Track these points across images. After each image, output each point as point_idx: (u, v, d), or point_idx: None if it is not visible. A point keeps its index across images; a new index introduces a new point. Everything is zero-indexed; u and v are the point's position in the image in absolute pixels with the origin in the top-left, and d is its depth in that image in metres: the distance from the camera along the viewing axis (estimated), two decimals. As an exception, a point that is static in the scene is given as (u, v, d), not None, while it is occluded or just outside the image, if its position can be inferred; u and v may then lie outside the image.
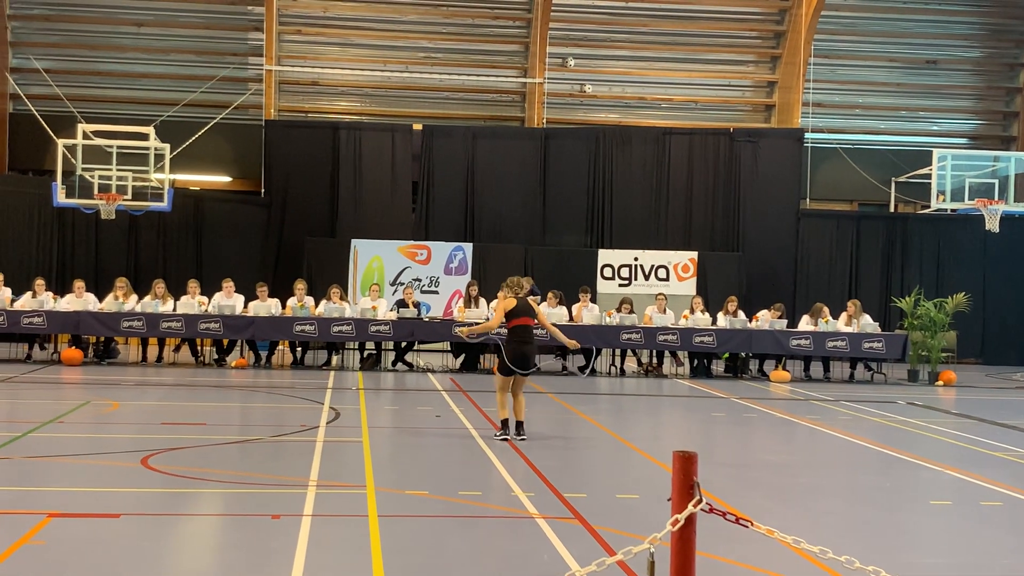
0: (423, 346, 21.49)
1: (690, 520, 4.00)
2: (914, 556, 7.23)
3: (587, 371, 20.15)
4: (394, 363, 20.16)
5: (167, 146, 20.96)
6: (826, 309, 20.73)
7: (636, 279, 25.06)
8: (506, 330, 12.11)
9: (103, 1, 25.66)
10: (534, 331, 12.08)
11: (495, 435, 11.76)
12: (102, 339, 19.65)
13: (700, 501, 3.98)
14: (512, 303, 11.98)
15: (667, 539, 4.12)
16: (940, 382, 20.51)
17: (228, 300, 19.64)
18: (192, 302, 19.44)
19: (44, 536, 6.85)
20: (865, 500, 9.15)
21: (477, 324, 19.01)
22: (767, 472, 10.50)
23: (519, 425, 11.71)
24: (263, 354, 20.01)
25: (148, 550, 6.67)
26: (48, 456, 9.78)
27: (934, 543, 7.73)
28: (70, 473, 9.24)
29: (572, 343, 13.28)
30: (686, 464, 4.02)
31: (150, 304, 19.28)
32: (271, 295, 20.16)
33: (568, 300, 20.77)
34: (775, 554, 6.89)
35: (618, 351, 20.76)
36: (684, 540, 4.02)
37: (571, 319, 20.23)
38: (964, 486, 9.84)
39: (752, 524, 4.27)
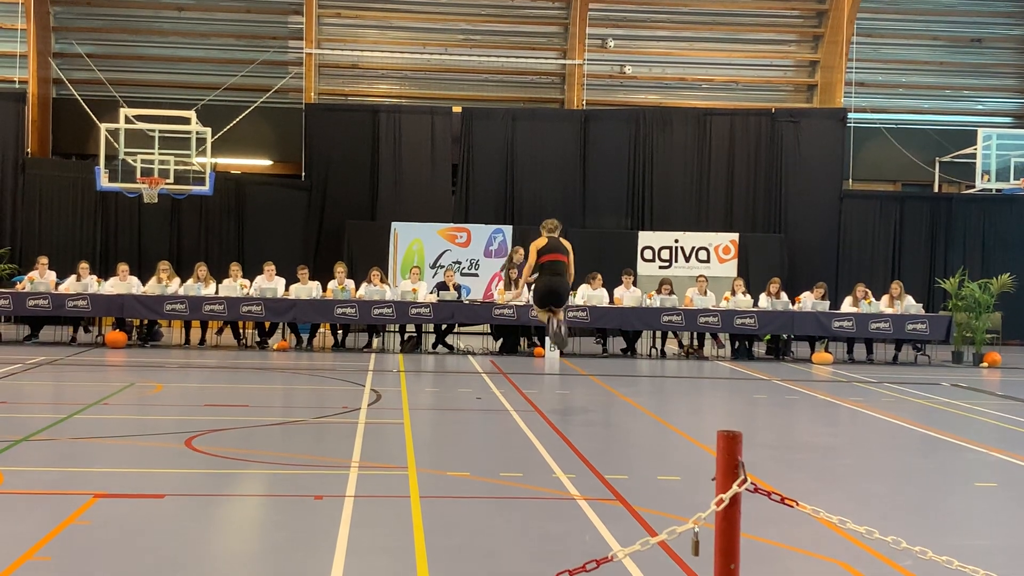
0: (463, 328, 21.53)
1: (735, 500, 3.96)
2: (961, 538, 7.16)
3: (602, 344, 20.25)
4: (434, 345, 20.18)
5: (208, 130, 21.05)
6: (860, 289, 20.56)
7: (677, 261, 24.96)
8: (539, 266, 12.33)
9: (144, -14, 25.85)
10: (564, 265, 12.30)
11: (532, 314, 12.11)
12: (145, 322, 19.80)
13: (745, 481, 3.94)
14: (543, 241, 12.35)
15: (711, 520, 4.09)
16: (985, 363, 20.28)
17: (269, 283, 19.74)
18: (234, 285, 19.56)
19: (89, 516, 6.90)
20: (910, 482, 9.08)
21: (515, 303, 19.09)
22: (810, 454, 10.42)
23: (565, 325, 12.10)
24: (304, 337, 20.10)
25: (192, 530, 6.71)
26: (93, 437, 9.87)
27: (980, 525, 7.64)
28: (115, 454, 9.32)
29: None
30: (730, 444, 3.98)
31: (193, 287, 19.42)
32: (312, 278, 20.24)
33: (608, 282, 20.68)
34: (820, 535, 6.84)
35: (659, 333, 20.70)
36: (729, 520, 3.98)
37: (612, 301, 20.19)
38: (1010, 468, 9.73)
39: (797, 504, 4.23)
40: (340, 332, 20.14)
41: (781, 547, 6.59)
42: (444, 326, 20.12)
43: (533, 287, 12.42)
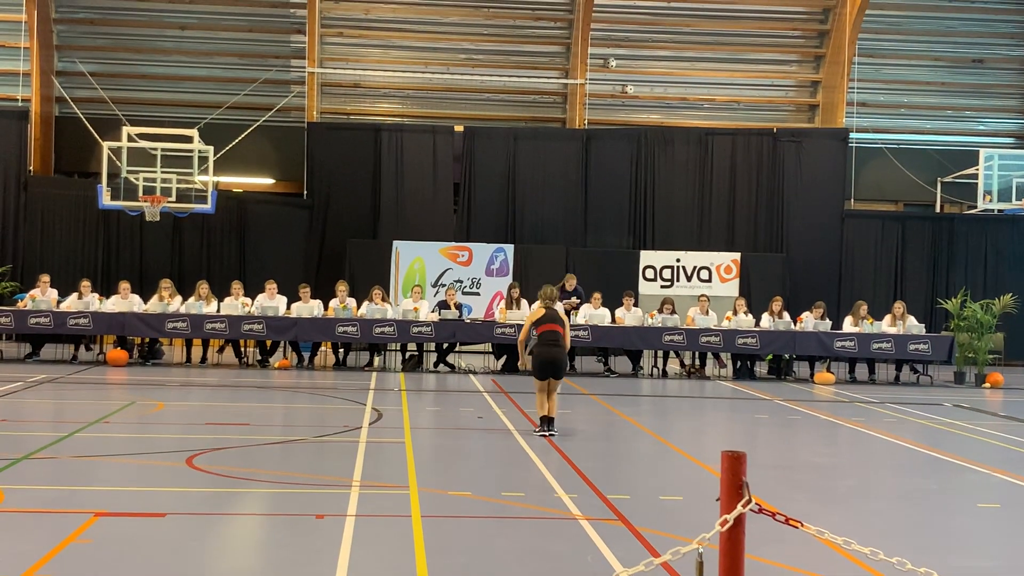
0: (464, 347, 21.51)
1: (739, 520, 3.95)
2: (964, 559, 7.13)
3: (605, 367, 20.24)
4: (436, 364, 20.16)
5: (211, 148, 21.06)
6: (863, 307, 20.55)
7: (678, 280, 24.94)
8: (536, 335, 12.33)
9: (147, 5, 25.86)
10: (561, 336, 12.28)
11: (534, 431, 11.92)
12: (147, 340, 19.78)
13: (749, 501, 3.93)
14: (540, 313, 12.45)
15: (715, 540, 4.07)
16: (987, 384, 20.27)
17: (271, 301, 19.73)
18: (236, 303, 19.54)
19: (91, 535, 6.89)
20: (912, 502, 9.05)
21: (517, 322, 19.07)
22: (812, 474, 10.40)
23: (550, 421, 12.03)
24: (306, 355, 20.08)
25: (193, 549, 6.69)
26: (94, 456, 9.85)
27: (984, 546, 7.62)
28: (116, 473, 9.30)
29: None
30: (735, 464, 3.97)
31: (194, 305, 19.40)
32: (313, 296, 20.23)
33: (609, 301, 20.66)
34: (823, 556, 6.81)
35: (660, 352, 20.68)
36: (733, 541, 3.97)
37: (613, 321, 20.17)
38: (1012, 489, 9.71)
39: (801, 525, 4.21)
40: (341, 351, 20.13)
41: (785, 568, 6.57)
42: (445, 345, 20.11)
43: (532, 358, 12.44)
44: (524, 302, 20.07)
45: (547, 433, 11.90)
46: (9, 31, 25.35)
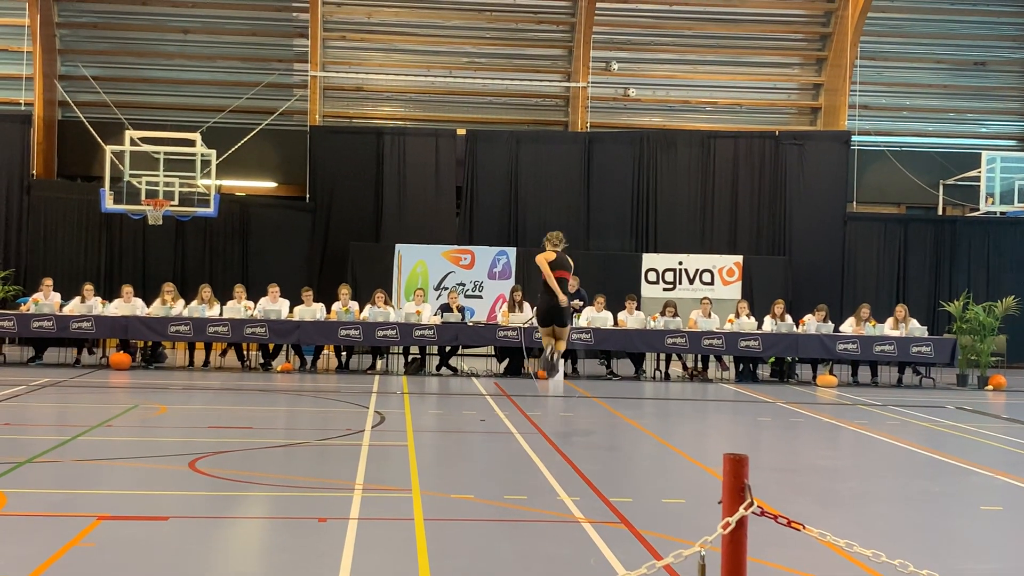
0: (467, 350, 21.52)
1: (741, 523, 3.95)
2: (966, 561, 7.12)
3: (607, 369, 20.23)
4: (438, 367, 20.17)
5: (213, 152, 21.09)
6: (866, 309, 20.54)
7: (681, 283, 24.93)
8: (542, 283, 12.43)
9: (150, 9, 25.91)
10: (567, 283, 12.50)
11: (535, 377, 12.23)
12: (149, 343, 19.80)
13: (751, 504, 3.93)
14: (552, 256, 12.53)
15: (717, 543, 4.07)
16: (990, 387, 20.25)
17: (274, 305, 19.74)
18: (238, 307, 19.55)
19: (93, 538, 6.89)
20: (915, 505, 9.05)
21: (519, 325, 19.10)
22: (815, 477, 10.40)
23: (561, 354, 12.18)
24: (308, 358, 20.10)
25: (196, 552, 6.69)
26: (97, 459, 9.85)
27: (986, 548, 7.61)
28: (118, 476, 9.30)
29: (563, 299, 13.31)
30: (737, 467, 3.97)
31: (197, 309, 19.42)
32: (316, 300, 20.25)
33: (611, 304, 20.66)
34: (825, 559, 6.81)
35: (663, 355, 20.68)
36: (735, 544, 3.97)
37: (615, 324, 20.17)
38: (1015, 491, 9.70)
39: (803, 528, 4.21)
40: (344, 354, 20.14)
41: (787, 571, 6.56)
42: (448, 348, 20.12)
43: (536, 306, 12.58)
44: (526, 305, 20.07)
45: (555, 361, 12.07)
46: (12, 35, 25.38)
